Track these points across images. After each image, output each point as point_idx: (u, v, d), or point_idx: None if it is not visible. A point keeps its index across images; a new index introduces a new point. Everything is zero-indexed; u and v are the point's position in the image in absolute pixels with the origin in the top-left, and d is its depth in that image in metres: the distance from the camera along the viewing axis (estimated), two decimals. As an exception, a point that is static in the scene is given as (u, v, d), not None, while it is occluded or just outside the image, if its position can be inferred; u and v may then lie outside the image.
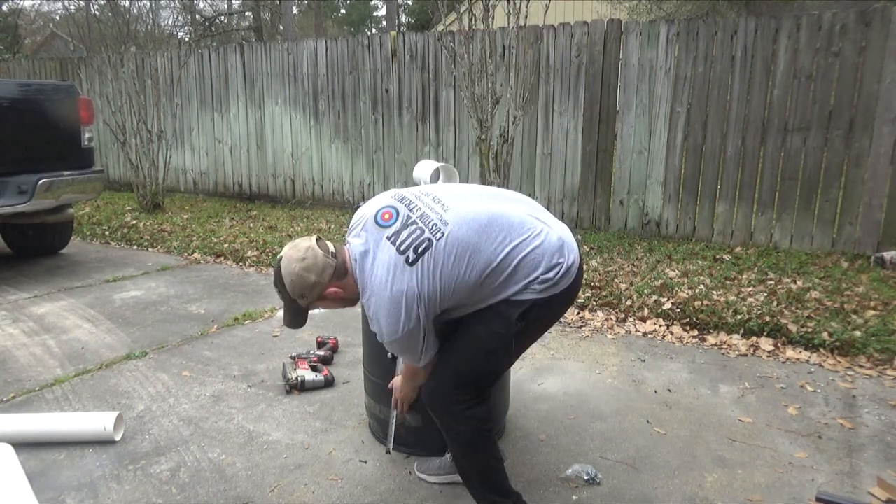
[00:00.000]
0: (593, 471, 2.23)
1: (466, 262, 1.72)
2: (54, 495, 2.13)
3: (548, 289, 1.77)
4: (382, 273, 1.72)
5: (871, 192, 4.95)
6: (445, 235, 1.72)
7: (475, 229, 1.74)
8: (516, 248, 1.75)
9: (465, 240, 1.72)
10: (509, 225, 1.78)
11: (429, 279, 1.70)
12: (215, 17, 24.33)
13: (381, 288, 1.71)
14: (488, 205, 1.82)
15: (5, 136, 4.66)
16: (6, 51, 18.12)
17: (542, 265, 1.76)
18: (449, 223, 1.74)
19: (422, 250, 1.70)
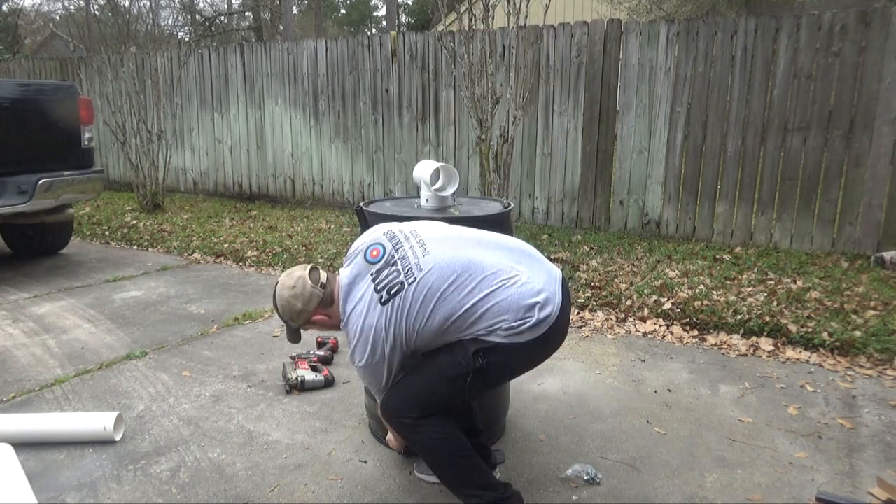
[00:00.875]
0: (593, 471, 2.23)
1: (431, 309, 1.79)
2: (54, 495, 2.13)
3: (512, 336, 1.78)
4: (360, 307, 1.85)
5: (871, 192, 4.95)
6: (417, 281, 1.81)
7: (446, 277, 1.80)
8: (483, 300, 1.79)
9: (434, 287, 1.80)
10: (482, 275, 1.81)
11: (395, 321, 1.80)
12: (215, 17, 24.34)
13: (356, 319, 1.85)
14: (468, 252, 1.86)
15: (5, 136, 4.66)
16: (6, 51, 18.12)
17: (508, 315, 1.78)
18: (423, 269, 1.82)
19: (394, 292, 1.81)
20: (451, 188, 2.47)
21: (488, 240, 1.95)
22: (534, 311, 1.79)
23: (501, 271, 1.83)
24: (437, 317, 1.80)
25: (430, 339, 1.84)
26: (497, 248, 1.92)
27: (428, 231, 1.94)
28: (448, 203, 2.47)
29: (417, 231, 1.94)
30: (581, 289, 4.22)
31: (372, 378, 1.91)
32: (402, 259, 1.86)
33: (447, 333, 1.83)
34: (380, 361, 1.84)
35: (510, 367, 1.94)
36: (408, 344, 1.84)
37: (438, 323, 1.80)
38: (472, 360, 1.81)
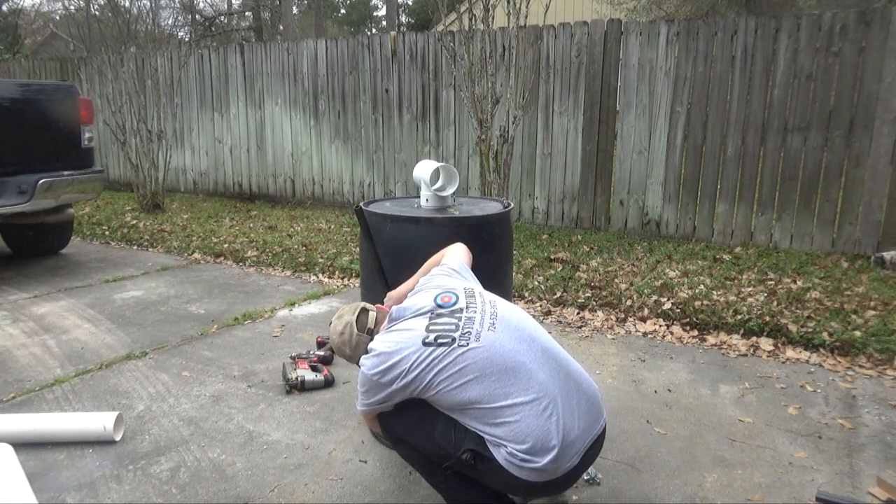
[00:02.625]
0: (593, 471, 2.23)
1: (463, 383, 1.68)
2: (54, 495, 2.13)
3: (511, 464, 1.65)
4: (403, 331, 1.79)
5: (871, 192, 4.95)
6: (468, 348, 1.70)
7: (494, 366, 1.69)
8: (511, 409, 1.66)
9: (479, 365, 1.69)
10: (527, 387, 1.67)
11: (425, 365, 1.70)
12: (215, 17, 24.34)
13: (393, 335, 1.80)
14: (527, 356, 1.73)
15: (5, 136, 4.66)
16: (6, 51, 18.13)
17: (522, 444, 1.63)
18: (480, 341, 1.72)
19: (441, 342, 1.72)
20: (451, 188, 2.47)
21: (554, 355, 1.79)
22: (542, 460, 1.63)
23: (545, 397, 1.67)
24: (463, 394, 1.69)
25: (442, 406, 1.75)
26: (556, 372, 1.75)
27: (505, 310, 1.85)
28: (448, 203, 2.47)
29: (496, 303, 1.86)
30: (581, 289, 4.22)
31: (366, 390, 1.83)
32: (467, 319, 1.77)
33: (461, 413, 1.73)
34: (384, 385, 1.76)
35: (495, 483, 1.77)
36: (416, 393, 1.75)
37: (459, 401, 1.70)
38: (463, 452, 1.70)
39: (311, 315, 4.03)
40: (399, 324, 1.83)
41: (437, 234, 2.25)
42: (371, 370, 1.77)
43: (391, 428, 1.90)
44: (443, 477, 1.82)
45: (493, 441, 1.67)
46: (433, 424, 1.78)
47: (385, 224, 2.25)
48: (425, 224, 2.26)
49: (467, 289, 1.91)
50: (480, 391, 1.67)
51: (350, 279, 4.80)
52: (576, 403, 1.73)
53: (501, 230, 2.35)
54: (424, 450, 1.82)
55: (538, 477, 1.66)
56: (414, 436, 1.84)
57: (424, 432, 1.80)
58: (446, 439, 1.75)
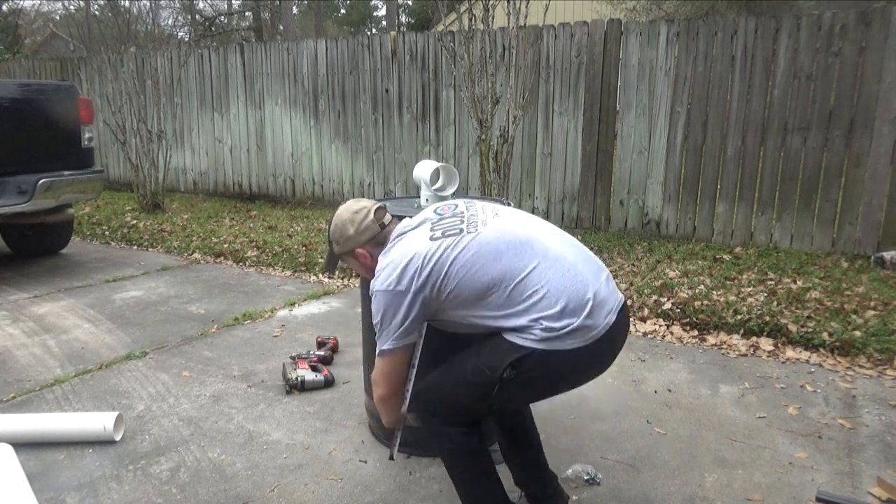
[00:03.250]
0: (593, 471, 2.23)
1: (482, 266, 1.64)
2: (54, 495, 2.13)
3: (550, 340, 1.59)
4: (406, 240, 1.76)
5: (871, 193, 4.95)
6: (477, 233, 1.69)
7: (507, 241, 1.68)
8: (537, 275, 1.62)
9: (493, 244, 1.66)
10: (545, 254, 1.66)
11: (439, 256, 1.65)
12: (215, 17, 24.34)
13: (397, 247, 1.75)
14: (537, 231, 1.75)
15: (5, 136, 4.66)
16: (6, 51, 18.12)
17: (555, 307, 1.60)
18: (487, 225, 1.71)
19: (447, 234, 1.70)
20: (451, 188, 2.47)
21: (563, 235, 1.81)
22: (579, 317, 1.60)
23: (566, 259, 1.67)
24: (484, 276, 1.62)
25: (465, 301, 1.67)
26: (570, 244, 1.77)
27: (508, 209, 1.86)
28: (448, 203, 2.47)
29: (498, 207, 1.85)
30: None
31: (384, 312, 1.70)
32: (470, 215, 1.76)
33: (484, 302, 1.65)
34: (402, 293, 1.65)
35: (542, 383, 1.71)
36: (439, 294, 1.66)
37: (482, 286, 1.63)
38: (502, 370, 1.63)
39: (311, 315, 4.03)
40: (401, 239, 1.79)
41: (437, 234, 2.25)
42: (385, 281, 1.68)
43: (421, 396, 1.81)
44: (466, 468, 1.82)
45: (526, 328, 1.61)
46: (462, 367, 1.74)
47: (385, 224, 2.26)
48: (425, 224, 2.26)
49: (466, 201, 1.90)
50: (501, 268, 1.63)
51: (350, 279, 4.80)
52: (596, 270, 1.74)
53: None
54: (462, 401, 1.74)
55: (582, 339, 1.61)
56: (447, 389, 1.76)
57: (455, 379, 1.75)
58: (479, 372, 1.68)
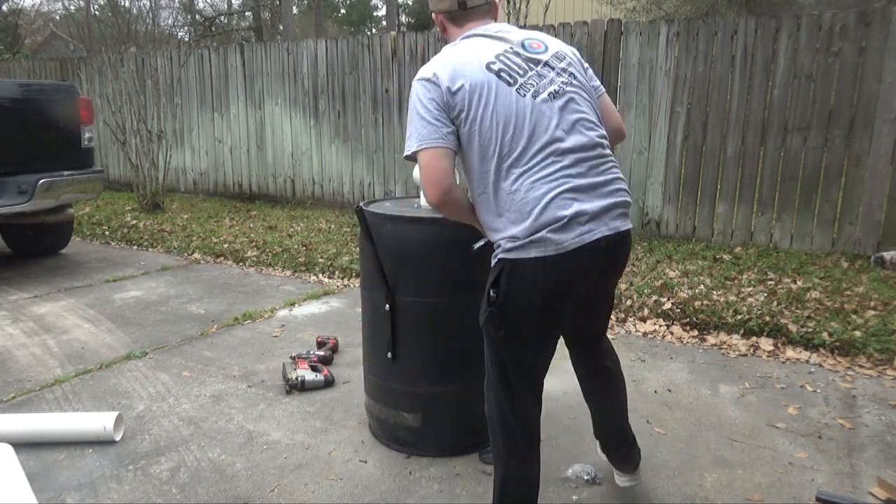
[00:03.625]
0: (593, 471, 2.23)
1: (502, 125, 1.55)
2: (54, 495, 2.13)
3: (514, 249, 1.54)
4: (469, 48, 1.64)
5: (871, 193, 4.95)
6: (522, 98, 1.57)
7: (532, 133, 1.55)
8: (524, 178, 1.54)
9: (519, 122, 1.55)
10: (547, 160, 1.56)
11: (479, 89, 1.56)
12: (215, 17, 24.32)
13: (457, 51, 1.66)
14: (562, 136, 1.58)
15: (5, 136, 4.66)
16: (6, 51, 18.11)
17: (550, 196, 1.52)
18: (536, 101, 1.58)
19: (501, 76, 1.58)
20: (451, 188, 2.47)
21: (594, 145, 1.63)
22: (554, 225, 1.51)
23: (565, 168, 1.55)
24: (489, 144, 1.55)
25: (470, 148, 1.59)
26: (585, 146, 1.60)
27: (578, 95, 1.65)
28: (448, 203, 2.47)
29: (576, 85, 1.66)
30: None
31: (418, 98, 1.65)
32: (538, 73, 1.61)
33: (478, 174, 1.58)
34: (436, 86, 1.60)
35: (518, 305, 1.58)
36: (459, 114, 1.58)
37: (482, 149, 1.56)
38: (490, 295, 1.58)
39: (311, 315, 4.03)
40: (471, 40, 1.66)
41: (437, 233, 2.25)
42: (428, 70, 1.64)
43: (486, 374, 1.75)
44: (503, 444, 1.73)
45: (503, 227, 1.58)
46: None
47: (385, 224, 2.25)
48: (425, 224, 2.26)
49: (560, 53, 1.69)
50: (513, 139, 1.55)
51: (350, 279, 4.80)
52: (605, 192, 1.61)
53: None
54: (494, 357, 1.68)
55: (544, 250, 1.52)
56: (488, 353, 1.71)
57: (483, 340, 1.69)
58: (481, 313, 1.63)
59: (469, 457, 2.36)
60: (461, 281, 2.26)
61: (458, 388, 2.33)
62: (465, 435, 2.39)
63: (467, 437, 2.39)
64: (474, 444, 2.40)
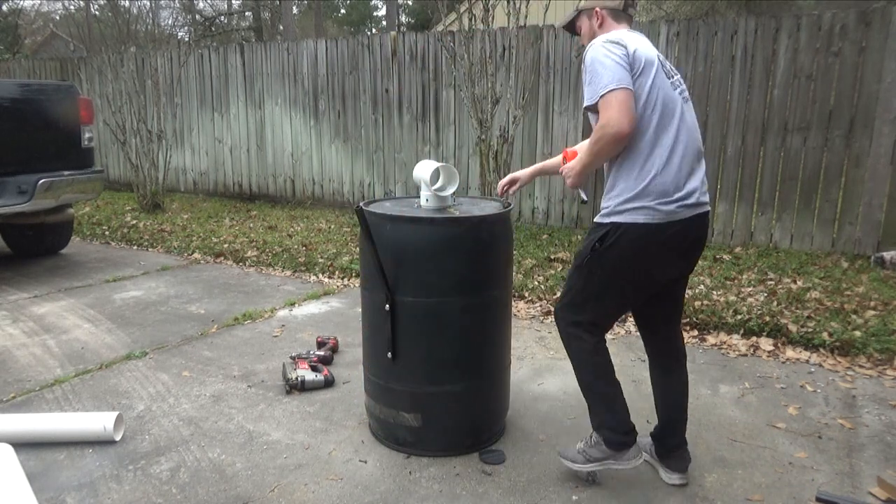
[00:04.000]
0: (593, 471, 2.23)
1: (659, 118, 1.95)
2: (54, 495, 2.13)
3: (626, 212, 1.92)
4: (644, 40, 2.00)
5: (871, 192, 4.95)
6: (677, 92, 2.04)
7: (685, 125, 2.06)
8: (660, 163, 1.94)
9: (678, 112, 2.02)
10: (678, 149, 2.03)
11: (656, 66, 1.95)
12: (215, 17, 24.32)
13: (633, 34, 1.99)
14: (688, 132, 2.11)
15: (5, 136, 4.66)
16: (6, 51, 18.12)
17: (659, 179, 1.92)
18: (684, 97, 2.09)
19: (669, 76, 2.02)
20: (451, 188, 2.47)
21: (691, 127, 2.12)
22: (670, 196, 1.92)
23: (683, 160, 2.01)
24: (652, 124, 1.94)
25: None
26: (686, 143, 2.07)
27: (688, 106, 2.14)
28: (448, 203, 2.47)
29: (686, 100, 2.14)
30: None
31: (602, 61, 1.90)
32: (679, 82, 2.08)
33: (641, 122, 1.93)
34: (621, 46, 1.90)
35: (625, 267, 1.97)
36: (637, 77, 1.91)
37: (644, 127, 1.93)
38: (594, 244, 1.96)
39: (311, 315, 4.03)
40: (637, 35, 2.02)
41: (437, 233, 2.25)
42: (613, 36, 1.94)
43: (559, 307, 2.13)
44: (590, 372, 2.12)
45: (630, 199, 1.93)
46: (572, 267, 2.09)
47: (385, 224, 2.25)
48: (425, 224, 2.26)
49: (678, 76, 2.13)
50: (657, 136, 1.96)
51: (350, 279, 4.80)
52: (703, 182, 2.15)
53: (501, 230, 2.35)
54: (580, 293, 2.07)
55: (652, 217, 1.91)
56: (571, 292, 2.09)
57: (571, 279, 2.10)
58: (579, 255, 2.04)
59: (469, 457, 2.36)
60: (461, 281, 2.26)
61: (458, 388, 2.33)
62: (465, 435, 2.39)
63: (467, 437, 2.40)
64: (474, 444, 2.40)
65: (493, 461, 2.32)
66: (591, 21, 2.12)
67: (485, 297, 2.32)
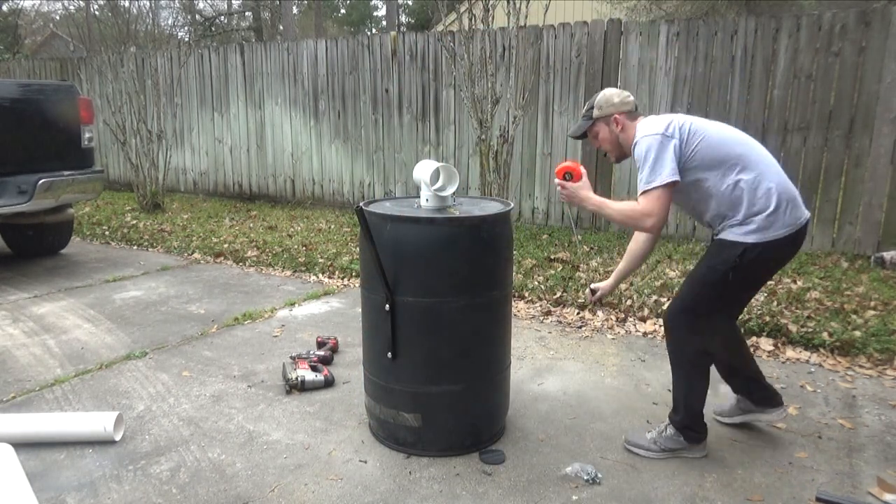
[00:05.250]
0: (593, 470, 2.23)
1: (724, 142, 2.18)
2: (54, 495, 2.13)
3: (764, 230, 2.11)
4: (663, 116, 2.25)
5: (871, 192, 4.95)
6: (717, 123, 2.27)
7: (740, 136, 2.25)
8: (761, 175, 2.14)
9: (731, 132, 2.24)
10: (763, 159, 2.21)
11: (693, 121, 2.21)
12: (215, 17, 24.33)
13: (655, 117, 2.26)
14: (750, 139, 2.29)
15: (5, 136, 4.66)
16: (6, 51, 18.12)
17: (771, 205, 2.11)
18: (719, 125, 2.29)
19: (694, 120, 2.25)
20: (451, 188, 2.47)
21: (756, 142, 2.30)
22: (793, 204, 2.13)
23: (774, 163, 2.21)
24: (723, 149, 2.15)
25: (701, 166, 2.16)
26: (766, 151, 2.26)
27: None
28: (448, 203, 2.47)
29: None
30: (581, 289, 4.22)
31: (649, 152, 2.14)
32: None
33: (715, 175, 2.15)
34: (667, 137, 2.14)
35: (764, 269, 2.24)
36: (686, 148, 2.15)
37: (722, 154, 2.14)
38: (731, 260, 2.14)
39: (311, 315, 4.03)
40: (655, 115, 2.32)
41: (437, 234, 2.25)
42: (653, 129, 2.17)
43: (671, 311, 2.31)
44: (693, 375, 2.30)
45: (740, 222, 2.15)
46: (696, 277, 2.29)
47: (385, 224, 2.25)
48: (425, 224, 2.26)
49: None
50: (739, 151, 2.17)
51: (350, 279, 4.80)
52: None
53: (501, 230, 2.35)
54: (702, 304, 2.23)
55: (791, 228, 2.14)
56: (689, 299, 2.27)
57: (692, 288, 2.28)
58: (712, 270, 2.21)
59: (469, 457, 2.36)
60: (461, 281, 2.26)
61: (458, 388, 2.33)
62: (465, 435, 2.39)
63: (467, 437, 2.40)
64: (474, 444, 2.40)
65: (493, 461, 2.32)
66: (611, 127, 2.35)
67: (485, 297, 2.32)
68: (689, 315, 2.27)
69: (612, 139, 2.36)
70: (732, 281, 2.16)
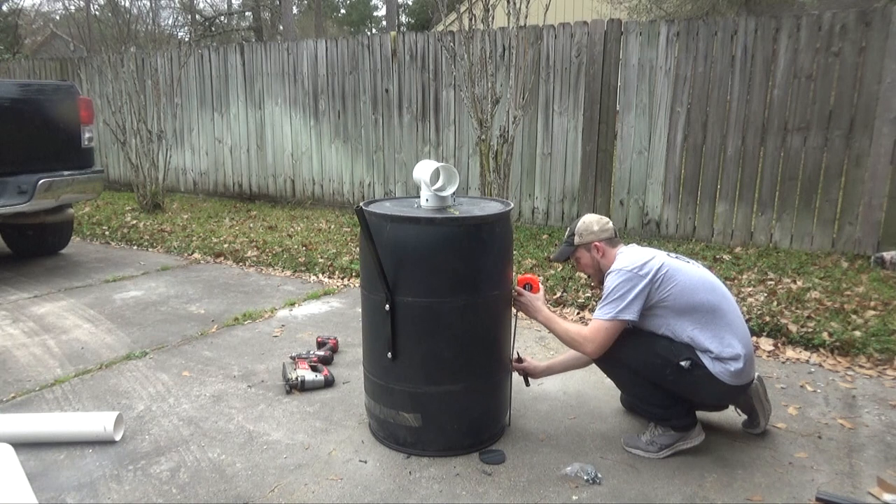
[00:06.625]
0: (593, 470, 2.23)
1: (698, 289, 2.25)
2: (54, 495, 2.13)
3: (718, 366, 2.21)
4: (646, 250, 2.35)
5: (871, 192, 4.95)
6: (699, 268, 2.36)
7: (715, 284, 2.33)
8: (731, 323, 2.25)
9: (709, 280, 2.32)
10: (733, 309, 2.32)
11: (675, 265, 2.28)
12: (215, 17, 24.32)
13: (638, 250, 2.35)
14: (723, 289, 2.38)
15: (5, 136, 4.66)
16: (6, 51, 18.11)
17: (732, 344, 2.22)
18: (700, 268, 2.38)
19: (679, 259, 2.36)
20: (451, 188, 2.47)
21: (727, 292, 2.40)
22: (748, 362, 2.23)
23: (740, 318, 2.33)
24: (696, 297, 2.23)
25: (670, 312, 2.25)
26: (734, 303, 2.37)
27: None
28: (448, 203, 2.47)
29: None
30: (581, 289, 4.22)
31: (617, 287, 2.23)
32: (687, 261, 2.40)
33: (685, 320, 2.24)
34: (640, 276, 2.22)
35: (702, 389, 2.28)
36: (659, 292, 2.23)
37: (695, 302, 2.23)
38: (679, 358, 2.23)
39: (311, 315, 4.03)
40: (637, 247, 2.39)
41: (437, 234, 2.25)
42: (631, 264, 2.25)
43: (618, 352, 2.31)
44: (648, 386, 2.32)
45: (705, 347, 2.22)
46: (654, 343, 2.29)
47: (385, 224, 2.25)
48: (425, 224, 2.26)
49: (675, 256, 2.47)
50: (712, 299, 2.25)
51: (350, 279, 4.80)
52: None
53: (501, 230, 2.35)
54: (645, 365, 2.29)
55: (737, 380, 2.23)
56: (636, 354, 2.30)
57: (646, 349, 2.29)
58: (667, 349, 2.26)
59: (469, 457, 2.36)
60: (461, 281, 2.26)
61: (458, 388, 2.33)
62: (465, 435, 2.39)
63: (467, 437, 2.40)
64: (474, 444, 2.40)
65: (493, 461, 2.32)
66: (592, 253, 2.44)
67: (485, 297, 2.32)
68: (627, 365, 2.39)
69: (593, 265, 2.45)
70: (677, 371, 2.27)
